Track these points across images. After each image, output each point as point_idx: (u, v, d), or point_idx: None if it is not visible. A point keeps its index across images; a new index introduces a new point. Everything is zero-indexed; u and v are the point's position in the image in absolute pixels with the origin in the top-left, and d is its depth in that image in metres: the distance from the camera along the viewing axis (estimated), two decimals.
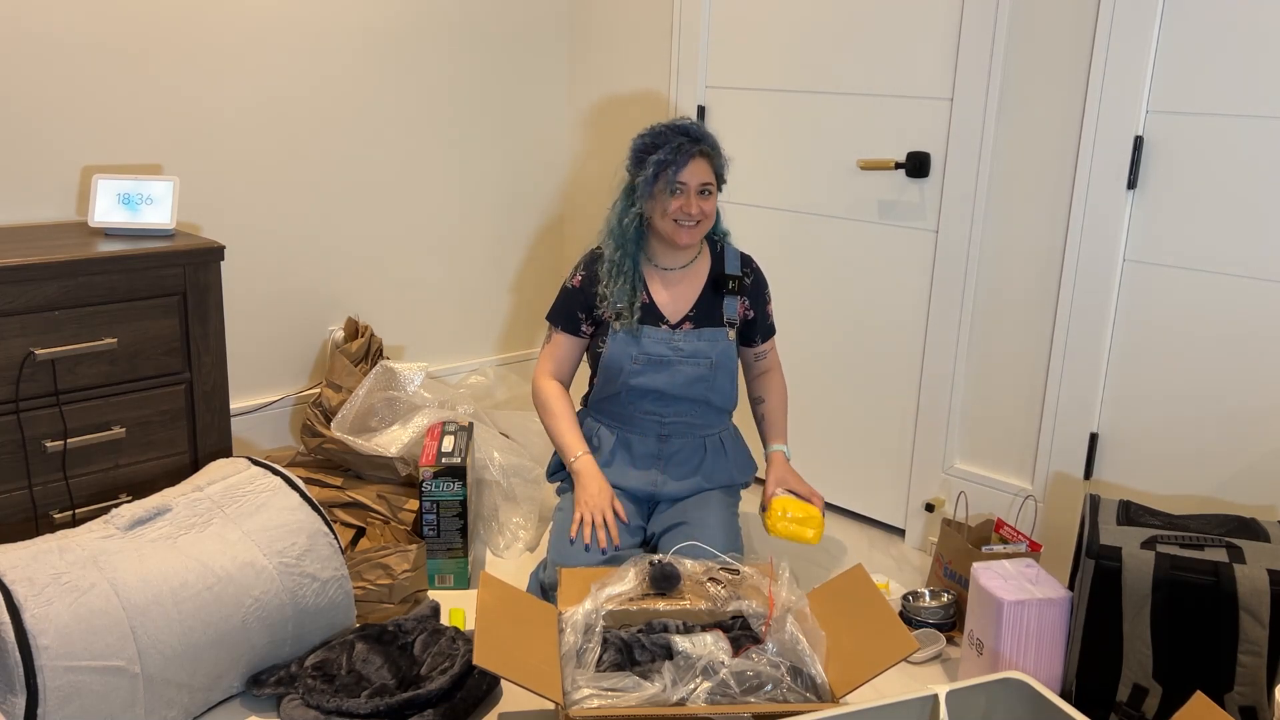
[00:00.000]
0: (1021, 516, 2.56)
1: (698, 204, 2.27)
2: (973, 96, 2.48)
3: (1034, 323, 2.49)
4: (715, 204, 2.33)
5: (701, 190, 2.28)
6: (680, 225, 2.29)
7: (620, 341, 2.34)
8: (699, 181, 2.27)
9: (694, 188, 2.27)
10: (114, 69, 2.51)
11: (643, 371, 2.34)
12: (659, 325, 2.36)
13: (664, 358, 2.34)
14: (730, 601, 1.99)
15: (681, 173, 2.25)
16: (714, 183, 2.31)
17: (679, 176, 2.25)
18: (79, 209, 2.54)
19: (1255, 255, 2.16)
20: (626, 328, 2.33)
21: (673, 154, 2.25)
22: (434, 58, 3.10)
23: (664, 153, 2.25)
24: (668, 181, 2.25)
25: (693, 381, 2.35)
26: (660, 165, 2.25)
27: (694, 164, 2.26)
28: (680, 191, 2.26)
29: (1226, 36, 2.13)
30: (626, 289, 2.33)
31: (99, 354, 2.24)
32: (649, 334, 2.34)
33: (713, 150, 2.30)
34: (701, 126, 2.33)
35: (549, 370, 2.44)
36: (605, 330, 2.36)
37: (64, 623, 1.71)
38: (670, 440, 2.40)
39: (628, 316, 2.33)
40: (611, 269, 2.35)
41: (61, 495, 2.24)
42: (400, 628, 2.09)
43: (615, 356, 2.35)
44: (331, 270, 3.01)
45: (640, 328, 2.33)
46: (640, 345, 2.33)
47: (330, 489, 2.61)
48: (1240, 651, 1.81)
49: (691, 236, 2.30)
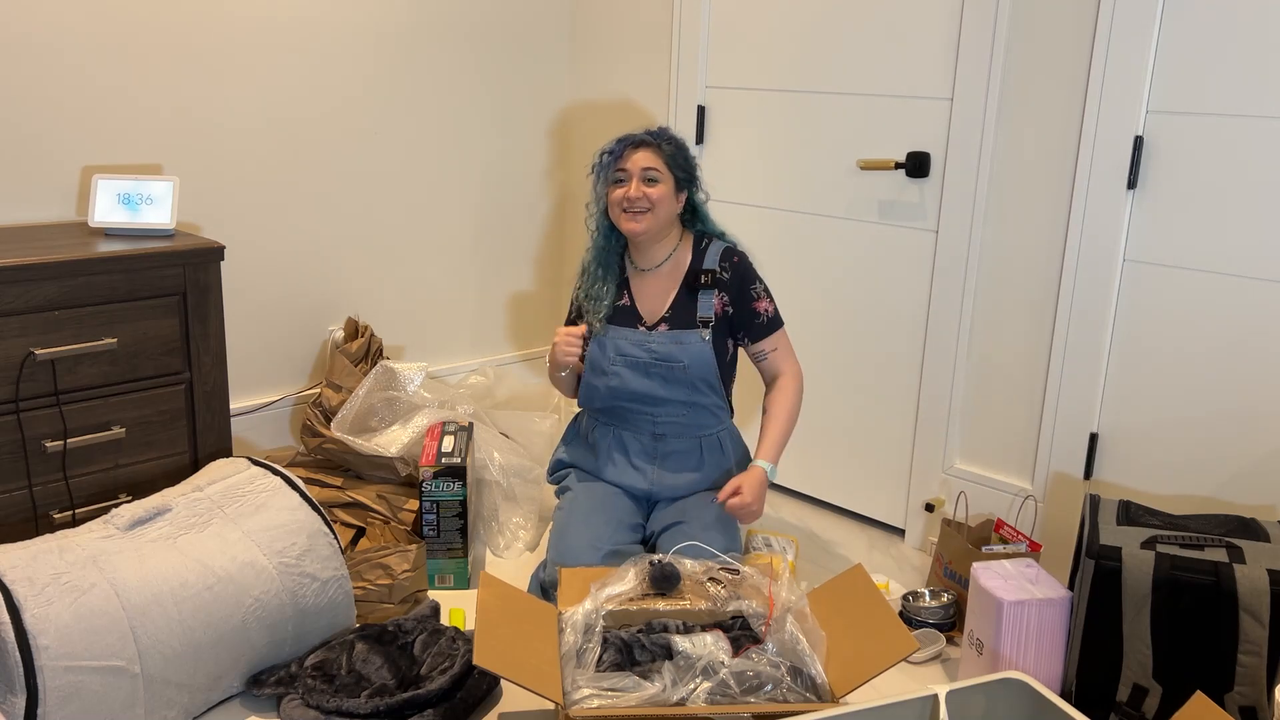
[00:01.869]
0: (1021, 516, 2.56)
1: (640, 188, 2.28)
2: (973, 96, 2.48)
3: (1034, 323, 2.49)
4: (665, 192, 2.30)
5: (646, 177, 2.29)
6: (626, 213, 2.31)
7: (597, 344, 2.37)
8: (641, 167, 2.29)
9: (635, 173, 2.29)
10: (114, 69, 2.51)
11: (619, 374, 2.35)
12: (636, 327, 2.36)
13: (639, 360, 2.34)
14: (730, 601, 1.99)
15: (621, 161, 2.30)
16: (662, 170, 2.30)
17: (619, 164, 2.30)
18: (79, 209, 2.54)
19: (1255, 255, 2.16)
20: (597, 333, 2.37)
21: (615, 145, 2.32)
22: (434, 57, 3.10)
23: (609, 147, 2.34)
24: (609, 170, 2.32)
25: (671, 385, 2.35)
26: (605, 158, 2.33)
27: (636, 153, 2.30)
28: (623, 179, 2.30)
29: (1226, 36, 2.13)
30: (603, 291, 2.37)
31: (99, 354, 2.24)
32: (626, 336, 2.35)
33: (661, 141, 2.32)
34: (663, 129, 2.36)
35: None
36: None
37: (64, 623, 1.71)
38: (665, 439, 2.40)
39: (596, 321, 2.37)
40: (592, 269, 2.40)
41: (61, 495, 2.24)
42: (400, 628, 2.09)
43: (594, 359, 2.37)
44: (331, 270, 3.01)
45: (608, 328, 2.36)
46: (617, 346, 2.35)
47: (330, 489, 2.61)
48: (1240, 651, 1.81)
49: (639, 224, 2.30)
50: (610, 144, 2.35)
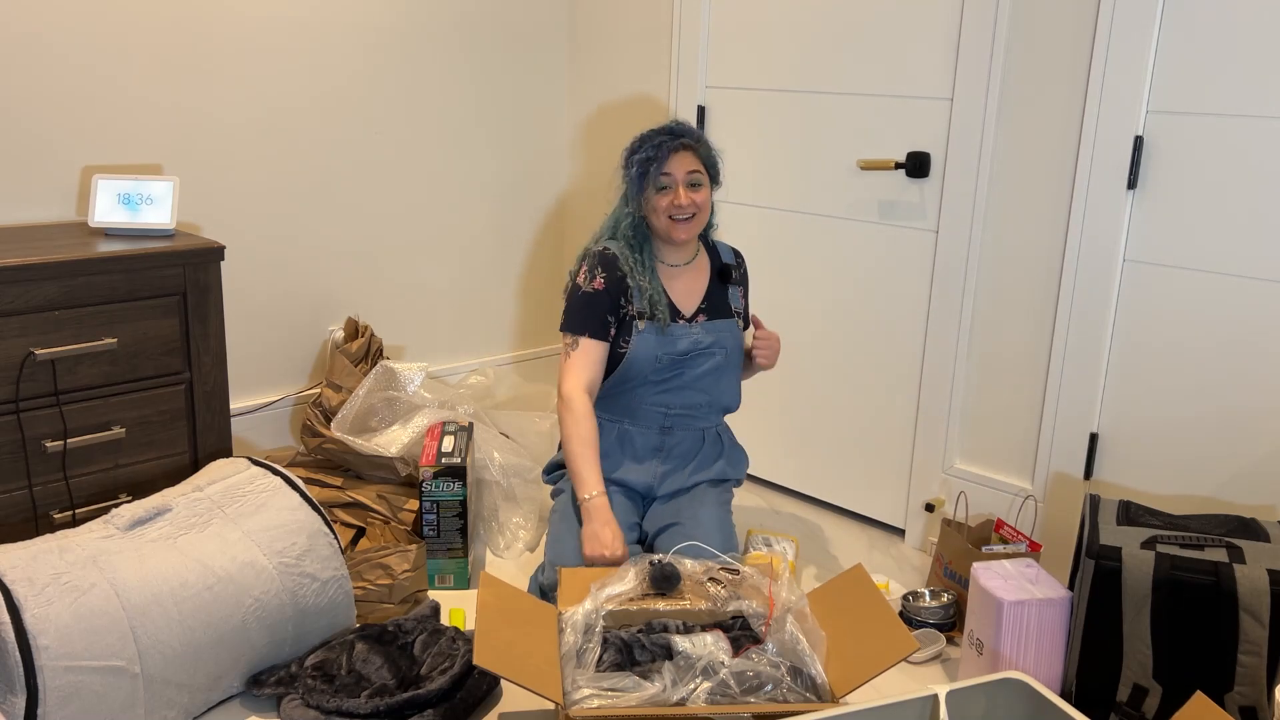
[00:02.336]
0: (1021, 516, 2.56)
1: (687, 195, 2.28)
2: (973, 96, 2.48)
3: (1034, 323, 2.49)
4: (708, 195, 2.33)
5: (690, 182, 2.29)
6: (675, 221, 2.30)
7: (645, 339, 2.33)
8: (685, 172, 2.28)
9: (680, 179, 2.28)
10: (114, 69, 2.51)
11: (667, 366, 2.34)
12: (677, 320, 2.38)
13: (684, 353, 2.35)
14: (730, 601, 1.99)
15: (665, 165, 2.28)
16: (702, 172, 2.31)
17: (664, 169, 2.28)
18: (79, 209, 2.54)
19: (1255, 255, 2.16)
20: (654, 324, 2.33)
21: (654, 150, 2.28)
22: (435, 57, 3.10)
23: (646, 150, 2.29)
24: (653, 178, 2.28)
25: (707, 373, 2.37)
26: (644, 163, 2.29)
27: (677, 156, 2.28)
28: (668, 186, 2.28)
29: (1226, 36, 2.13)
30: (651, 285, 2.34)
31: (99, 354, 2.24)
32: (672, 329, 2.35)
33: (696, 142, 2.31)
34: (687, 124, 2.35)
35: (582, 382, 2.29)
36: (627, 330, 2.34)
37: (64, 623, 1.71)
38: (673, 432, 2.40)
39: (663, 314, 2.33)
40: (636, 268, 2.35)
41: (61, 495, 2.24)
42: (400, 628, 2.09)
43: (642, 354, 2.33)
44: (331, 270, 3.01)
45: (670, 324, 2.35)
46: (664, 342, 2.34)
47: (330, 489, 2.61)
48: (1240, 651, 1.81)
49: (688, 230, 2.31)
50: (647, 146, 2.29)
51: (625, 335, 2.34)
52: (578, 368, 2.30)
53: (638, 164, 2.29)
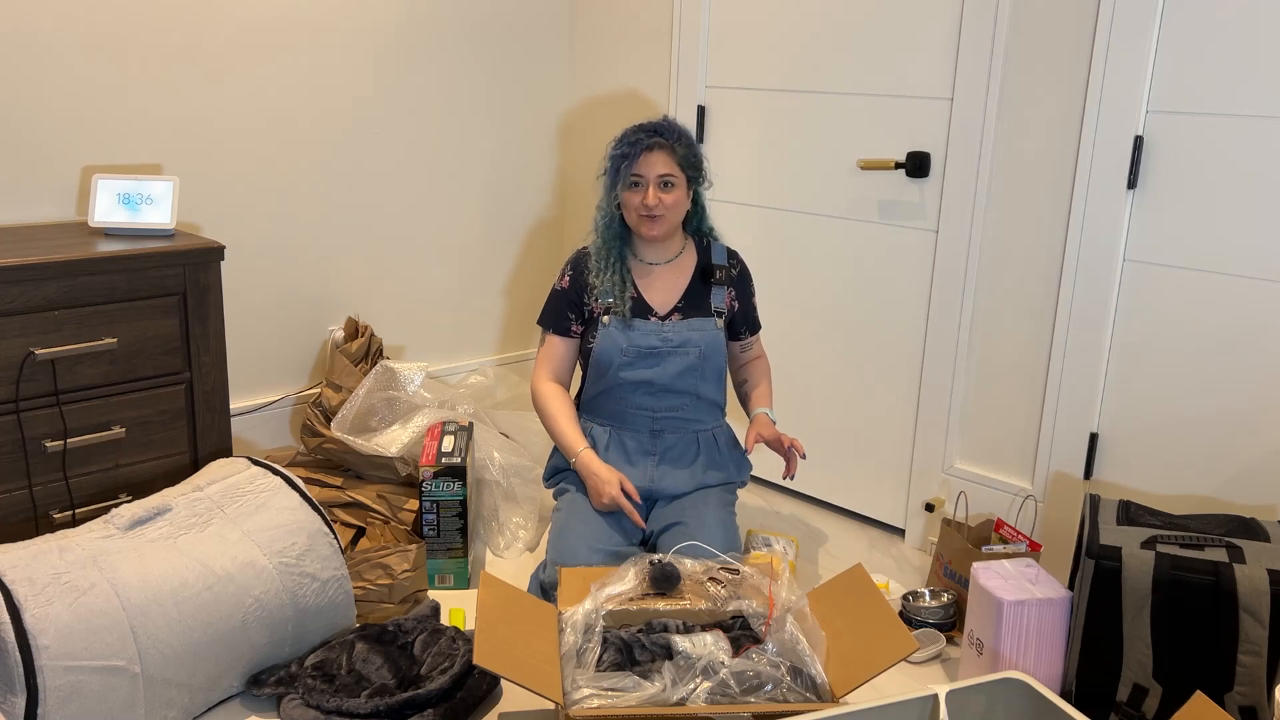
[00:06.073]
0: (1021, 516, 2.56)
1: (656, 195, 2.29)
2: (973, 96, 2.48)
3: (1034, 323, 2.49)
4: (681, 196, 2.33)
5: (663, 182, 2.29)
6: (643, 218, 2.32)
7: (610, 334, 2.36)
8: (657, 173, 2.29)
9: (652, 179, 2.29)
10: (114, 69, 2.51)
11: (632, 363, 2.35)
12: (648, 318, 2.38)
13: (653, 349, 2.36)
14: (730, 601, 1.99)
15: (636, 165, 2.29)
16: (676, 174, 2.31)
17: (634, 169, 2.29)
18: (79, 209, 2.54)
19: (1255, 255, 2.16)
20: (618, 318, 2.35)
21: (629, 148, 2.30)
22: (434, 57, 3.10)
23: (622, 147, 2.31)
24: (624, 175, 2.30)
25: (682, 373, 2.37)
26: (618, 160, 2.31)
27: (650, 156, 2.29)
28: (639, 184, 2.30)
29: (1227, 36, 2.13)
30: (616, 281, 2.37)
31: (99, 354, 2.24)
32: (638, 325, 2.35)
33: (675, 142, 2.31)
34: (672, 122, 2.35)
35: (546, 373, 2.45)
36: (594, 326, 2.39)
37: (64, 623, 1.71)
38: (664, 435, 2.41)
39: (619, 308, 2.35)
40: (599, 262, 2.39)
41: (61, 495, 2.24)
42: (400, 628, 2.09)
43: (605, 349, 2.37)
44: (331, 270, 3.01)
45: (631, 319, 2.35)
46: (630, 336, 2.35)
47: (330, 489, 2.61)
48: (1240, 651, 1.81)
49: (656, 228, 2.33)
50: (623, 144, 2.32)
51: (593, 331, 2.40)
52: (544, 361, 2.46)
53: (613, 160, 2.33)
